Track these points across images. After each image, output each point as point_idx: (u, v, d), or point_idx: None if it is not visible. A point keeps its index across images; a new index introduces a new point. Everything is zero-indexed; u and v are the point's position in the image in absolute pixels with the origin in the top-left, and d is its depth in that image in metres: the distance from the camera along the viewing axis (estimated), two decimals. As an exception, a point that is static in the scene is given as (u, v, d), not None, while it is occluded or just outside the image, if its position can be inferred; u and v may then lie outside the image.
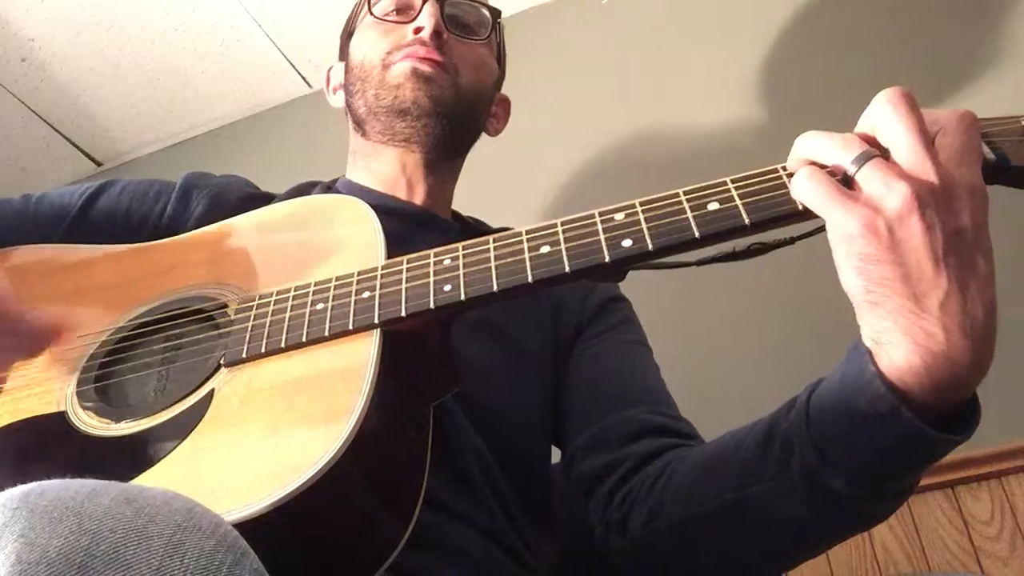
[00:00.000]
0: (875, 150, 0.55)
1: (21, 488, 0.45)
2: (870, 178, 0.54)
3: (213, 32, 2.01)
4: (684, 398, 0.90)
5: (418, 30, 0.95)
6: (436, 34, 0.95)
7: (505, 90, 1.11)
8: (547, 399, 0.91)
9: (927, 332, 0.52)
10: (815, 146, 0.58)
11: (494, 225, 1.04)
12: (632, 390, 0.88)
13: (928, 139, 0.54)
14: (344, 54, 1.08)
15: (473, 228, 1.03)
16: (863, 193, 0.54)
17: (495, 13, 1.03)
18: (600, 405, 0.86)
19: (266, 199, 1.00)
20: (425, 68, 0.94)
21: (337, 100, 1.09)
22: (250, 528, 0.52)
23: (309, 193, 0.99)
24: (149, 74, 2.09)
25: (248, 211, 0.91)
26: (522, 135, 1.28)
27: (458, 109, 0.96)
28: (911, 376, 0.53)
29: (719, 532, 0.70)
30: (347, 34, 1.08)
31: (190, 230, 0.92)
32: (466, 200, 1.05)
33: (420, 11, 0.97)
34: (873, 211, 0.53)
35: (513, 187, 1.74)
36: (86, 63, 2.05)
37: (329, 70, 1.11)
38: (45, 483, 0.45)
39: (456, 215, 1.05)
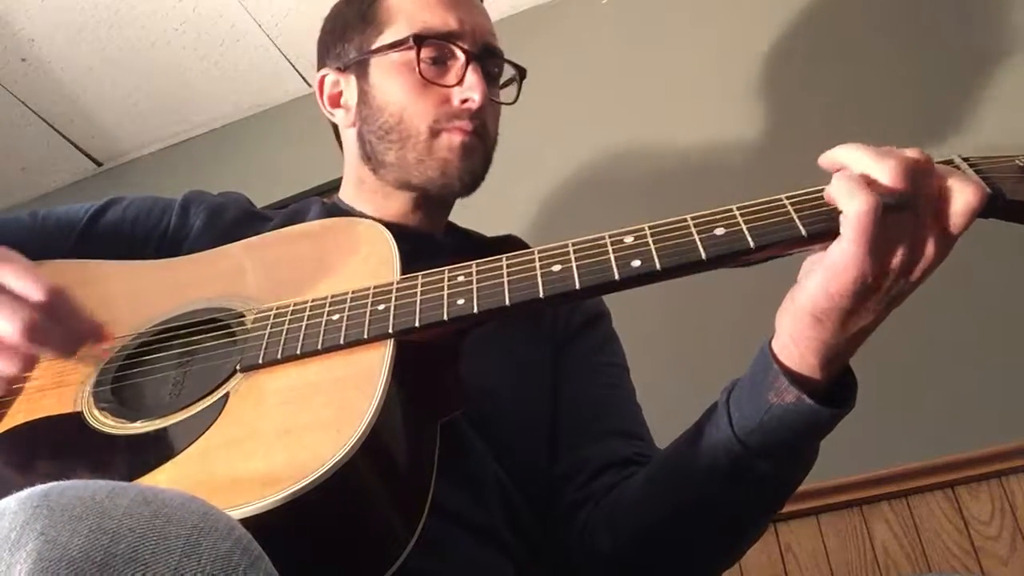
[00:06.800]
0: (916, 204, 0.59)
1: (41, 487, 0.45)
2: (901, 231, 0.59)
3: (213, 32, 2.01)
4: (680, 400, 0.90)
5: (465, 101, 0.93)
6: (482, 107, 0.93)
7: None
8: (550, 407, 0.93)
9: (839, 348, 0.64)
10: (862, 161, 0.60)
11: (492, 229, 1.05)
12: (609, 421, 0.92)
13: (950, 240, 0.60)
14: (352, 69, 0.99)
15: (466, 240, 1.05)
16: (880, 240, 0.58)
17: (522, 72, 1.03)
18: (577, 435, 0.90)
19: (264, 217, 1.01)
20: (471, 142, 0.94)
21: (339, 119, 1.01)
22: (261, 524, 0.53)
23: (306, 211, 1.00)
24: (149, 74, 2.09)
25: (246, 227, 0.94)
26: (520, 135, 1.28)
27: (484, 171, 0.99)
28: (808, 372, 0.65)
29: (671, 533, 0.77)
30: (356, 50, 0.99)
31: (192, 242, 0.94)
32: (462, 204, 1.05)
33: (465, 73, 0.93)
34: (878, 266, 0.58)
35: (511, 188, 1.74)
36: (86, 63, 2.04)
37: (322, 78, 1.02)
38: (64, 483, 0.46)
39: (451, 226, 1.07)
